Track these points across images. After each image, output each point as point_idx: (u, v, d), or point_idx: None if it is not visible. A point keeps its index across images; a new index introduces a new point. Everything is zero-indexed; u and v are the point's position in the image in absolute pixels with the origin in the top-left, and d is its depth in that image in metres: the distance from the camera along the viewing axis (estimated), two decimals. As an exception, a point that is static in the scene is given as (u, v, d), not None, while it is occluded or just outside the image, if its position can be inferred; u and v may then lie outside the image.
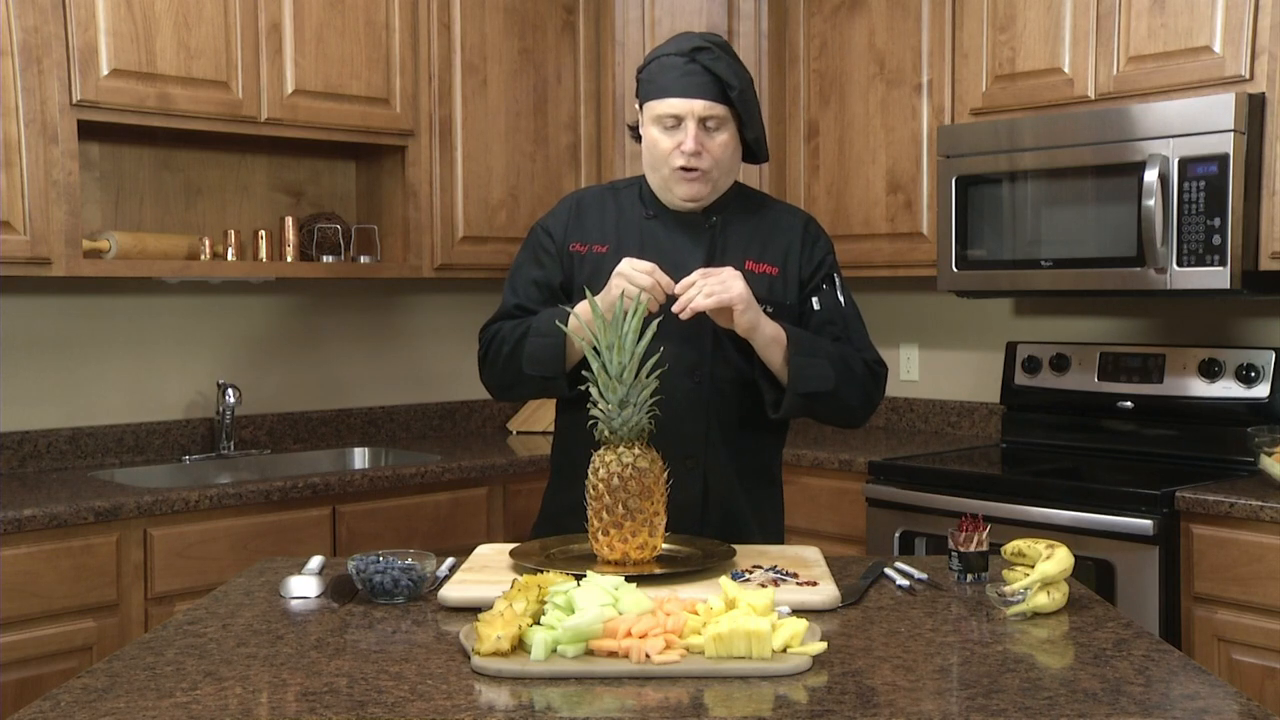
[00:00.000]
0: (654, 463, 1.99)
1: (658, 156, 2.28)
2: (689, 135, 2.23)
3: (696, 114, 2.23)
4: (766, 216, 2.39)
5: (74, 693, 1.51)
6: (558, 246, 2.38)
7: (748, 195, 2.42)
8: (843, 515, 3.53)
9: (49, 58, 3.04)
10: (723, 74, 2.22)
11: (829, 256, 2.39)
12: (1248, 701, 1.47)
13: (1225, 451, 3.27)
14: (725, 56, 2.25)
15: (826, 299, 2.35)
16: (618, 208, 2.39)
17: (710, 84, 2.23)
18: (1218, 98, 3.01)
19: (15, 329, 3.37)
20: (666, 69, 2.25)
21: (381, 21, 3.63)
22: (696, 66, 2.22)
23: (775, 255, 2.34)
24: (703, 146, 2.24)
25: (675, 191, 2.29)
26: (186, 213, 3.65)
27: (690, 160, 2.24)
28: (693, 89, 2.22)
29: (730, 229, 2.34)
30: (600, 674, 1.53)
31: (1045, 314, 3.88)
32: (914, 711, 1.43)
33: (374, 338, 4.06)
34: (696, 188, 2.27)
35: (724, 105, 2.24)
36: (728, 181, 2.34)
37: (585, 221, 2.38)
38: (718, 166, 2.27)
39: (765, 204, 2.43)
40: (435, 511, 3.41)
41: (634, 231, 2.34)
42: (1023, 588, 1.83)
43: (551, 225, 2.41)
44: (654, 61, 2.28)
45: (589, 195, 2.45)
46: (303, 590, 1.96)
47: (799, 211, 2.46)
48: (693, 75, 2.22)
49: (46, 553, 2.77)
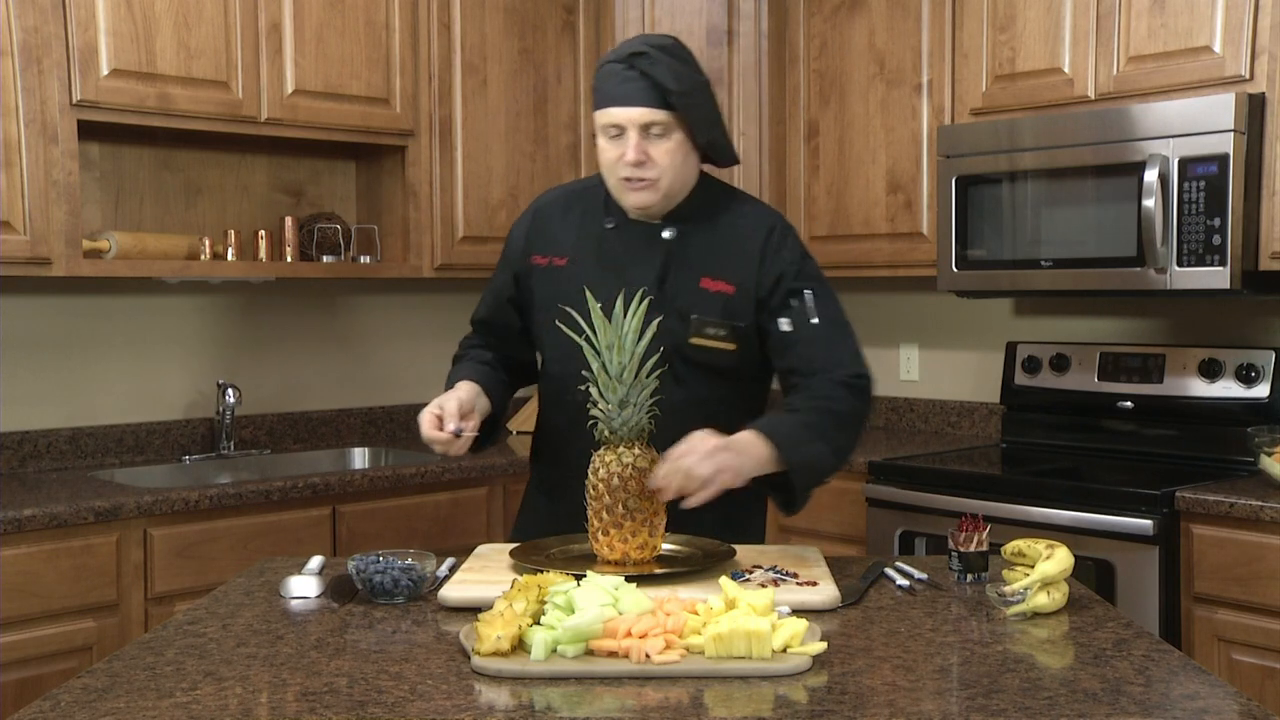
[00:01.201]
0: (654, 463, 1.99)
1: (605, 166, 2.22)
2: (630, 145, 2.15)
3: (636, 122, 2.15)
4: (728, 226, 2.27)
5: (74, 693, 1.51)
6: (519, 255, 2.36)
7: (714, 198, 2.30)
8: (843, 515, 3.53)
9: (49, 58, 3.04)
10: (661, 78, 2.13)
11: (794, 266, 2.24)
12: (1248, 701, 1.47)
13: (1225, 451, 3.27)
14: (666, 59, 2.16)
15: (796, 317, 2.21)
16: (581, 215, 2.33)
17: (648, 90, 2.14)
18: (1218, 98, 3.01)
19: (15, 329, 3.37)
20: (607, 77, 2.18)
21: (381, 21, 3.63)
22: (634, 73, 2.14)
23: (732, 271, 2.22)
24: (646, 155, 2.16)
25: (624, 202, 2.23)
26: (186, 213, 3.65)
27: (634, 170, 2.17)
28: (631, 96, 2.15)
29: (688, 241, 2.25)
30: (600, 674, 1.53)
31: (1045, 314, 3.88)
32: (914, 711, 1.43)
33: (374, 338, 4.06)
34: (643, 197, 2.20)
35: (665, 110, 2.15)
36: (682, 188, 2.24)
37: (547, 231, 2.34)
38: (665, 174, 2.18)
39: (730, 209, 2.30)
40: (435, 511, 3.41)
41: (592, 244, 2.29)
42: (1023, 588, 1.83)
43: (516, 232, 2.40)
44: (601, 69, 2.21)
45: (553, 203, 2.39)
46: (303, 590, 1.96)
47: (766, 216, 2.31)
48: (630, 82, 2.15)
49: (46, 553, 2.77)
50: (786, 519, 3.66)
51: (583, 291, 2.14)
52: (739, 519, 2.33)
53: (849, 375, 2.19)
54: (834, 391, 2.17)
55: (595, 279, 2.22)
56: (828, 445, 2.12)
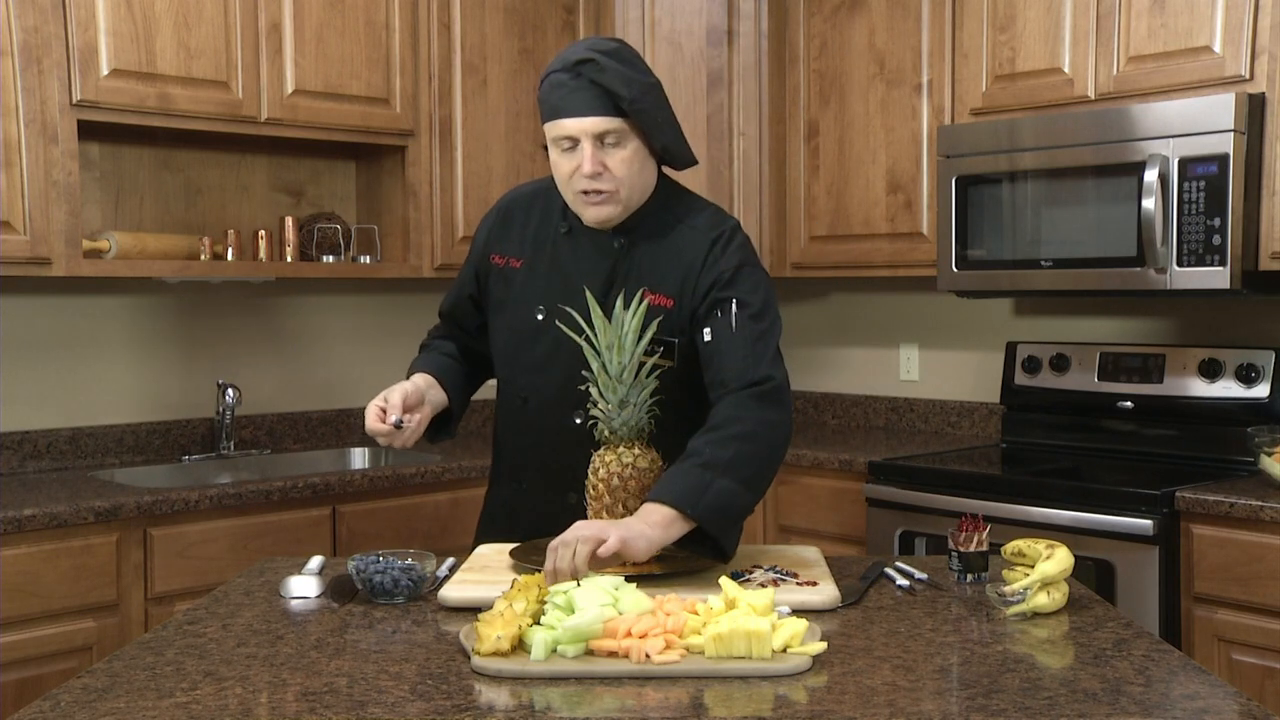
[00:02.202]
0: (654, 463, 2.00)
1: (561, 180, 2.16)
2: (586, 157, 2.08)
3: (589, 132, 2.07)
4: (676, 237, 2.19)
5: (74, 693, 1.51)
6: (480, 252, 2.34)
7: (669, 207, 2.22)
8: (843, 515, 3.53)
9: (49, 58, 3.04)
10: (610, 85, 2.06)
11: (726, 274, 2.13)
12: (1248, 701, 1.47)
13: (1225, 451, 3.27)
14: (614, 64, 2.08)
15: (717, 327, 2.10)
16: (541, 217, 2.28)
17: (599, 98, 2.06)
18: (1218, 98, 3.01)
19: (15, 329, 3.37)
20: (555, 87, 2.10)
21: (381, 21, 3.63)
22: (583, 81, 2.07)
23: (672, 285, 2.15)
24: (603, 166, 2.09)
25: (583, 216, 2.17)
26: (186, 213, 3.65)
27: (590, 183, 2.10)
28: (581, 105, 2.07)
29: (636, 252, 2.19)
30: (600, 674, 1.53)
31: (1045, 314, 3.88)
32: (914, 711, 1.43)
33: (374, 337, 4.06)
34: (604, 210, 2.13)
35: (618, 118, 2.08)
36: (640, 197, 2.17)
37: (509, 231, 2.30)
38: (624, 184, 2.11)
39: (682, 219, 2.21)
40: (435, 511, 3.41)
41: (546, 249, 2.25)
42: (1023, 588, 1.83)
43: (482, 228, 2.37)
44: (544, 81, 2.14)
45: (519, 201, 2.34)
46: (303, 590, 1.96)
47: (716, 224, 2.21)
48: (580, 91, 2.07)
49: (46, 553, 2.77)
50: (784, 521, 3.67)
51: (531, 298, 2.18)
52: None
53: (754, 382, 2.05)
54: (739, 411, 2.03)
55: (544, 285, 2.22)
56: (734, 480, 1.95)
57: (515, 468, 2.33)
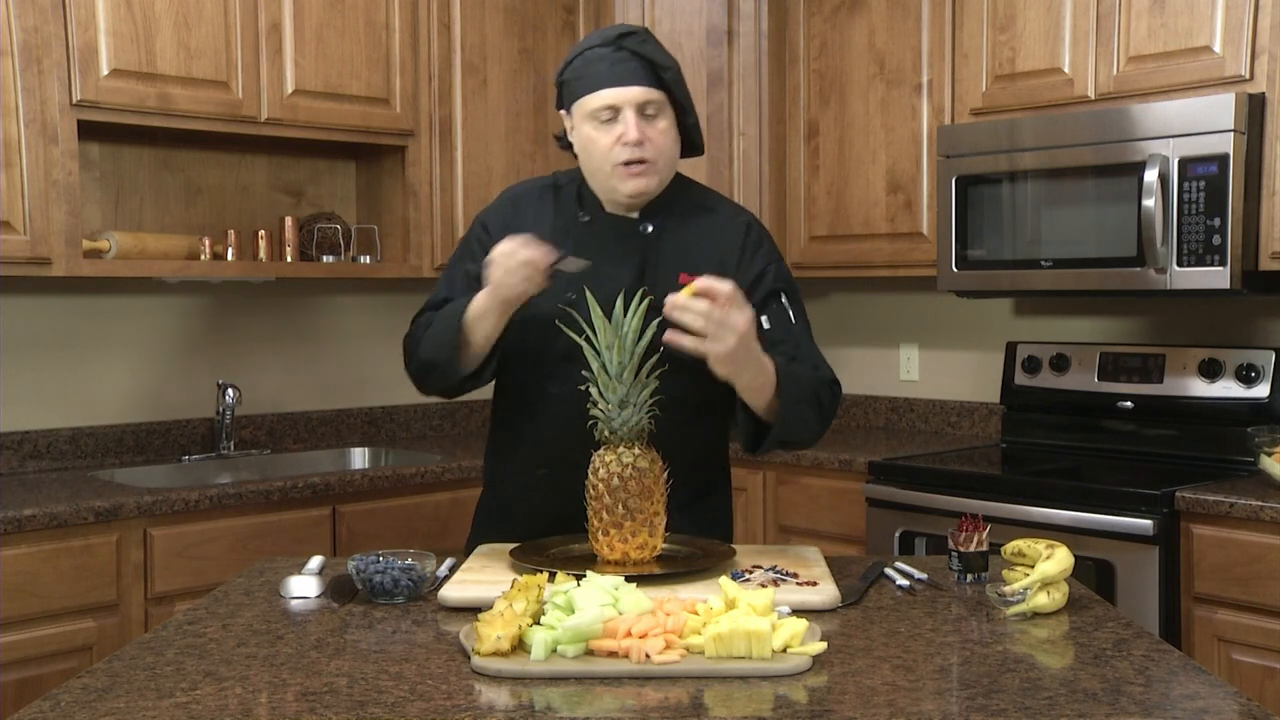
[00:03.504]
0: (654, 463, 1.99)
1: (597, 156, 2.15)
2: (629, 124, 2.10)
3: (633, 101, 2.10)
4: (705, 223, 2.23)
5: (74, 693, 1.51)
6: (494, 243, 2.24)
7: (688, 194, 2.26)
8: (843, 515, 3.53)
9: (49, 58, 3.04)
10: (653, 56, 2.11)
11: (772, 266, 2.22)
12: (1248, 701, 1.47)
13: (1225, 451, 3.27)
14: (652, 39, 2.15)
15: (777, 317, 2.17)
16: (555, 208, 2.26)
17: (643, 68, 2.10)
18: (1218, 98, 3.01)
19: (15, 329, 3.37)
20: (593, 61, 2.12)
21: (381, 21, 3.63)
22: (625, 53, 2.10)
23: (709, 268, 2.11)
24: (645, 135, 2.11)
25: (621, 190, 2.15)
26: (186, 213, 3.65)
27: (634, 152, 2.11)
28: (626, 75, 2.09)
29: (666, 238, 2.20)
30: (600, 674, 1.53)
31: (1045, 314, 3.88)
32: (914, 711, 1.43)
33: (374, 337, 4.06)
34: (643, 182, 2.14)
35: (660, 90, 2.12)
36: (669, 175, 2.20)
37: (522, 223, 2.22)
38: (662, 156, 2.14)
39: (705, 206, 2.26)
40: (435, 511, 3.41)
41: (567, 239, 2.20)
42: (1023, 588, 1.83)
43: (490, 221, 2.30)
44: (577, 58, 2.15)
45: (529, 193, 2.32)
46: (303, 590, 1.96)
47: (740, 214, 2.29)
48: (622, 63, 2.10)
49: (46, 553, 2.77)
50: (784, 521, 3.67)
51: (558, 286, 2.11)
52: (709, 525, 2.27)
53: (829, 380, 2.19)
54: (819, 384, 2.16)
55: (571, 275, 2.17)
56: (815, 421, 2.12)
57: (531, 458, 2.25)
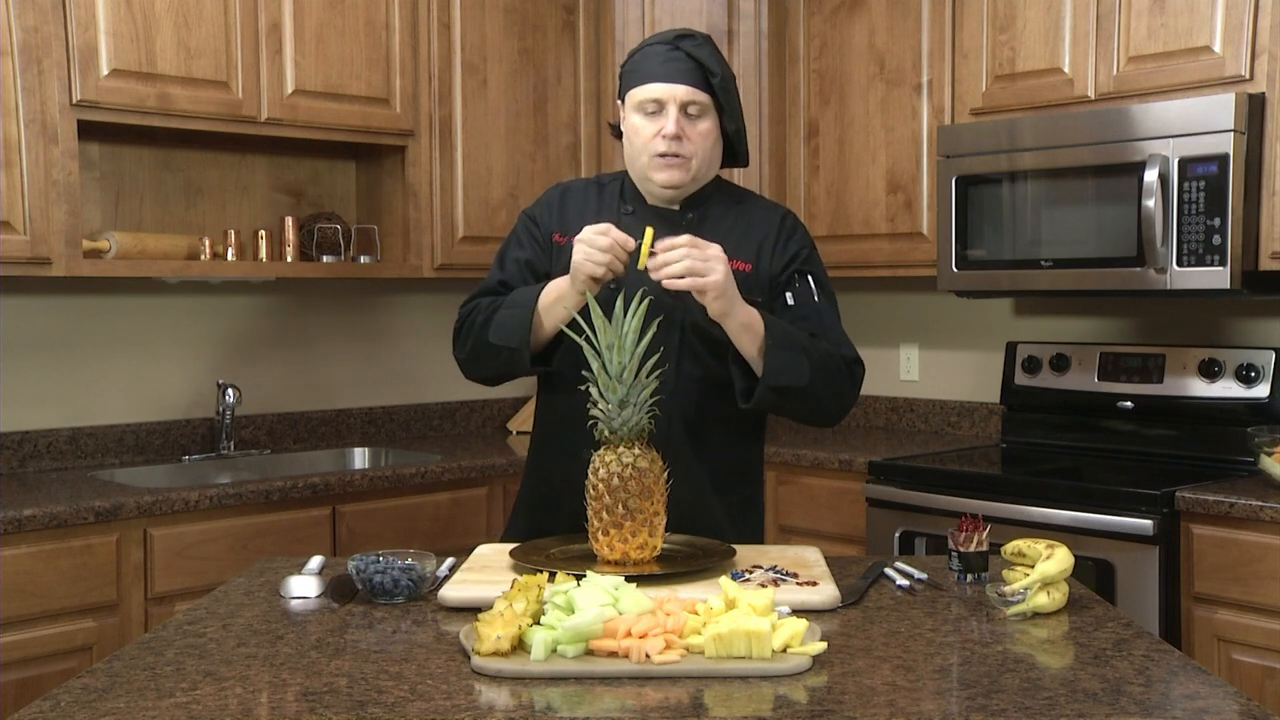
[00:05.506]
0: (654, 463, 1.99)
1: (638, 144, 2.26)
2: (670, 119, 2.22)
3: (679, 99, 2.22)
4: (744, 212, 2.36)
5: (74, 693, 1.51)
6: (543, 234, 2.37)
7: (727, 190, 2.39)
8: (843, 515, 3.53)
9: (49, 58, 3.04)
10: (705, 60, 2.23)
11: (804, 251, 2.35)
12: (1248, 701, 1.47)
13: (1225, 451, 3.27)
14: (709, 46, 2.26)
15: (800, 294, 2.30)
16: (600, 201, 2.37)
17: (693, 70, 2.23)
18: (1218, 98, 3.01)
19: (15, 329, 3.37)
20: (649, 57, 2.26)
21: (381, 21, 3.63)
22: (680, 53, 2.23)
23: (749, 251, 2.30)
24: (684, 132, 2.23)
25: (654, 179, 2.27)
26: (186, 213, 3.65)
27: (671, 145, 2.22)
28: (675, 74, 2.22)
29: (706, 225, 2.30)
30: (600, 674, 1.53)
31: (1045, 314, 3.88)
32: (914, 711, 1.43)
33: (374, 338, 4.06)
34: (676, 174, 2.25)
35: (706, 93, 2.23)
36: (708, 173, 2.31)
37: (568, 213, 2.36)
38: (697, 155, 2.25)
39: (744, 200, 2.40)
40: (435, 511, 3.41)
41: None
42: (1023, 588, 1.83)
43: (538, 214, 2.40)
44: (638, 52, 2.29)
45: (574, 187, 2.43)
46: (303, 590, 1.96)
47: (777, 207, 2.43)
48: (675, 61, 2.23)
49: (46, 553, 2.77)
50: (784, 521, 3.67)
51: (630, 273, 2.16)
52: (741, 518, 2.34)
53: (850, 357, 2.28)
54: (836, 357, 2.24)
55: None
56: (809, 371, 2.16)
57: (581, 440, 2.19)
